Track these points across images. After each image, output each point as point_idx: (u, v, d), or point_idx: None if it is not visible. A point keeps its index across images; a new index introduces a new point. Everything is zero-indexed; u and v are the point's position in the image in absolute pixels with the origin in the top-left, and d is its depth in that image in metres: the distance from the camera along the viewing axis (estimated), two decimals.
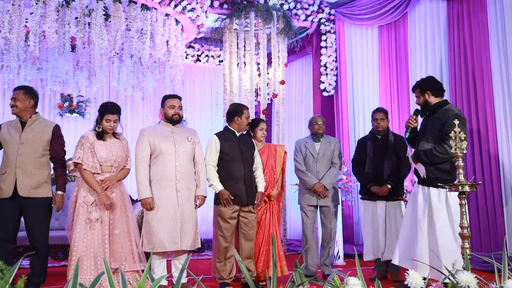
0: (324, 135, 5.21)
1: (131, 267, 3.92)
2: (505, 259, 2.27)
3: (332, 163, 5.09)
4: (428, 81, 4.17)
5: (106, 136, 4.05)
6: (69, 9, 5.09)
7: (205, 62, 8.46)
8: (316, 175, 5.02)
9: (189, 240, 4.14)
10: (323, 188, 4.94)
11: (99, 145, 3.98)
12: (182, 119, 4.42)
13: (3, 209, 3.96)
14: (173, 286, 4.05)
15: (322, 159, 5.06)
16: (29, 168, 3.98)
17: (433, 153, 3.91)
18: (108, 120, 4.00)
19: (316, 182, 4.96)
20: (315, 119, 5.23)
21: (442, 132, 3.89)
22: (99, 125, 4.03)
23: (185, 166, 4.23)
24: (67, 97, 7.58)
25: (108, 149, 4.01)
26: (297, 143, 5.26)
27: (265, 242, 4.58)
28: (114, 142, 4.08)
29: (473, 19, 5.60)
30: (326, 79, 7.36)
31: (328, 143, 5.13)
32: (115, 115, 4.03)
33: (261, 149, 4.75)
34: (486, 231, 5.27)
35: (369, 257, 4.93)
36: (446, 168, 3.94)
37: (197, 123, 8.39)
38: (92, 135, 4.02)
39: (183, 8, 5.61)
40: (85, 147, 3.95)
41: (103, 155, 3.98)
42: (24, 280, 1.59)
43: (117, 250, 3.91)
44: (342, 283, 1.94)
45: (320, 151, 5.08)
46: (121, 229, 3.96)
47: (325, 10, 7.35)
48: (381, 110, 5.05)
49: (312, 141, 5.14)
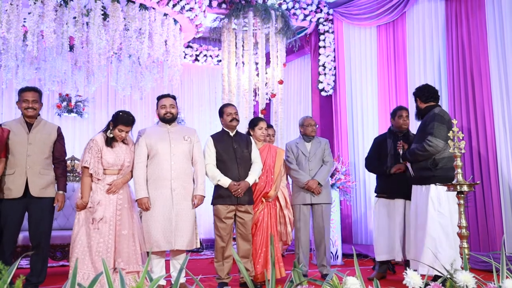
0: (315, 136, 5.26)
1: (135, 268, 3.94)
2: (503, 258, 2.27)
3: (324, 161, 5.13)
4: (417, 89, 4.57)
5: (114, 143, 4.08)
6: (67, 8, 5.08)
7: (203, 62, 8.46)
8: (309, 173, 5.03)
9: (184, 240, 4.12)
10: (317, 185, 4.95)
11: (107, 150, 4.02)
12: (176, 117, 4.41)
13: (10, 211, 3.97)
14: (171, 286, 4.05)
15: (314, 158, 5.09)
16: (38, 169, 4.04)
17: (414, 151, 4.28)
18: (121, 130, 4.03)
19: (309, 179, 4.97)
20: (308, 121, 5.22)
21: (424, 132, 4.23)
22: (111, 132, 4.05)
23: (181, 165, 4.24)
24: (65, 97, 7.56)
25: (116, 154, 4.05)
26: (288, 145, 5.28)
27: (263, 243, 4.54)
28: (121, 147, 4.11)
29: (471, 19, 5.61)
30: (324, 78, 7.36)
31: (318, 143, 5.18)
32: (128, 127, 4.07)
33: (261, 148, 4.75)
34: (484, 230, 5.27)
35: (383, 257, 4.86)
36: (427, 165, 4.21)
37: (196, 123, 8.40)
38: (101, 140, 4.04)
39: (181, 7, 5.61)
40: (93, 152, 3.98)
41: (110, 160, 4.01)
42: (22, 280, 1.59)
43: (124, 250, 3.93)
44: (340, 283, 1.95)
45: (311, 150, 5.11)
46: (127, 230, 3.98)
47: (324, 10, 7.36)
48: (406, 108, 5.09)
49: (303, 141, 5.18)
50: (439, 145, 4.13)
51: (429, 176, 4.16)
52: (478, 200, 5.34)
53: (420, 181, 4.27)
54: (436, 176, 4.13)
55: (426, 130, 4.22)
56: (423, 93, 4.45)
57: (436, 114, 4.23)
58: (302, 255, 5.00)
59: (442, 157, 4.18)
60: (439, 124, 4.17)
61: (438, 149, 4.15)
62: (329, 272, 4.02)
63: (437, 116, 4.22)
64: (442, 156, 4.18)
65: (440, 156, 4.18)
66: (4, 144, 3.94)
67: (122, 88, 6.69)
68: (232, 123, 4.54)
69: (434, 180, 4.12)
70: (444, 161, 4.17)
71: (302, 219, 5.02)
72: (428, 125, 4.22)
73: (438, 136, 4.13)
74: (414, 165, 4.36)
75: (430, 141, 4.14)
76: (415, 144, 4.37)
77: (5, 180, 3.98)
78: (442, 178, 4.06)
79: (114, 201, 3.97)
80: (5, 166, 3.98)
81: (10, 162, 4.00)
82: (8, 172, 3.99)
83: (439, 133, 4.14)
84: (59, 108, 7.60)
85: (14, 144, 4.02)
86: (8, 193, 3.96)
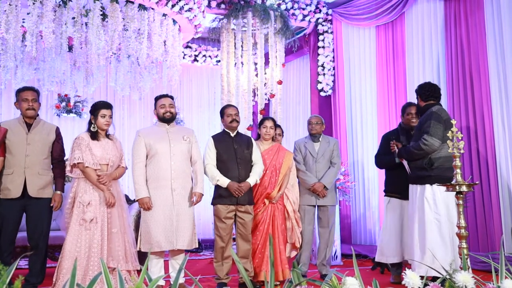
0: (323, 135, 5.20)
1: (125, 266, 3.96)
2: (502, 258, 2.27)
3: (331, 163, 5.07)
4: (419, 87, 4.47)
5: (100, 136, 4.12)
6: (66, 9, 5.08)
7: (202, 62, 8.46)
8: (315, 174, 5.00)
9: (185, 240, 4.14)
10: (322, 188, 4.93)
11: (94, 145, 4.06)
12: (175, 117, 4.43)
13: (9, 211, 3.96)
14: (170, 286, 4.05)
15: (322, 159, 5.04)
16: (37, 169, 4.04)
17: (410, 149, 4.24)
18: (104, 115, 4.09)
19: (316, 181, 4.95)
20: (309, 119, 5.23)
21: (420, 130, 4.19)
22: (94, 125, 4.11)
23: (181, 165, 4.24)
24: (64, 97, 7.56)
25: (103, 148, 4.09)
26: (296, 143, 5.25)
27: (264, 244, 4.50)
28: (108, 142, 4.16)
29: (470, 19, 5.62)
30: (323, 79, 7.36)
31: (327, 143, 5.12)
32: (109, 110, 4.14)
33: (269, 149, 4.73)
34: (483, 231, 5.28)
35: (394, 259, 4.65)
36: (422, 165, 4.15)
37: (195, 123, 8.40)
38: (87, 136, 4.10)
39: (180, 8, 5.61)
40: (82, 147, 4.01)
41: (98, 154, 4.03)
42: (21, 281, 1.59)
43: (115, 248, 3.96)
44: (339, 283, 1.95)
45: (319, 151, 5.06)
46: (118, 228, 4.01)
47: (323, 10, 7.36)
48: (415, 105, 4.77)
49: (311, 141, 5.13)
50: (435, 144, 4.06)
51: (424, 176, 4.12)
52: (477, 200, 5.34)
53: (416, 180, 4.23)
54: (432, 176, 4.07)
55: (422, 128, 4.18)
56: (424, 91, 4.38)
57: (433, 113, 4.16)
58: (304, 255, 4.99)
59: (438, 156, 4.11)
60: (435, 122, 4.10)
61: (433, 148, 4.08)
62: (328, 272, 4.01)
63: (434, 114, 4.14)
64: (438, 155, 4.11)
65: (436, 156, 4.11)
66: (1, 142, 3.94)
67: (121, 89, 6.69)
68: (232, 124, 4.54)
69: (430, 180, 4.07)
70: (440, 160, 4.10)
71: (307, 219, 4.99)
72: (424, 124, 4.17)
73: (434, 135, 4.06)
74: (411, 163, 4.32)
75: (425, 139, 4.07)
76: (412, 142, 4.34)
77: (3, 180, 3.98)
78: (438, 178, 4.00)
79: (104, 199, 3.99)
80: (3, 166, 3.98)
81: (8, 162, 4.00)
82: (7, 172, 3.99)
83: (435, 132, 4.06)
84: (58, 108, 7.60)
85: (12, 144, 4.01)
86: (6, 193, 3.96)
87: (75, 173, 4.05)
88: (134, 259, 4.07)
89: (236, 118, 4.56)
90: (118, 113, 7.69)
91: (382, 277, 4.95)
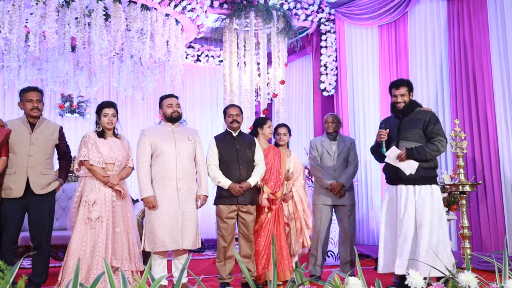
0: (339, 134, 5.13)
1: (128, 267, 3.97)
2: (506, 259, 2.27)
3: (349, 162, 4.99)
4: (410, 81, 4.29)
5: (106, 135, 4.15)
6: (69, 9, 5.09)
7: (205, 62, 8.47)
8: (333, 173, 4.92)
9: (190, 239, 4.14)
10: (341, 187, 4.84)
11: (101, 143, 4.08)
12: (181, 117, 4.45)
13: (11, 210, 3.98)
14: (173, 286, 4.05)
15: (339, 158, 4.96)
16: (40, 169, 4.06)
17: (425, 150, 4.04)
18: (106, 114, 4.12)
19: (334, 181, 4.86)
20: (325, 118, 5.16)
21: (427, 131, 4.09)
22: (99, 125, 4.14)
23: (186, 165, 4.25)
24: (67, 98, 7.59)
25: (109, 147, 4.10)
26: (312, 142, 5.17)
27: (267, 244, 4.50)
28: (115, 141, 4.17)
29: (473, 18, 5.61)
30: (326, 79, 7.36)
31: (343, 142, 5.04)
32: (111, 108, 4.16)
33: (266, 149, 4.73)
34: (487, 231, 5.27)
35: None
36: (431, 165, 4.11)
37: (197, 123, 8.40)
38: (94, 134, 4.13)
39: (183, 8, 5.61)
40: (89, 145, 4.04)
41: (105, 152, 4.05)
42: (25, 280, 1.59)
43: (118, 248, 3.96)
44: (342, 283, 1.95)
45: (337, 150, 4.98)
46: (121, 228, 4.01)
47: (325, 9, 7.35)
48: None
49: (328, 140, 5.05)
50: (446, 146, 4.13)
51: (431, 176, 4.12)
52: (481, 200, 5.33)
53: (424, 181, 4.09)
54: (435, 176, 4.14)
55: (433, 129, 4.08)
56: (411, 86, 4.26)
57: (435, 114, 4.19)
58: (319, 257, 4.91)
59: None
60: (440, 124, 4.16)
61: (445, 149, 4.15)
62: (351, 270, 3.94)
63: (435, 116, 4.18)
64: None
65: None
66: (4, 143, 3.95)
67: (124, 89, 6.70)
68: (232, 125, 4.54)
69: (435, 180, 4.12)
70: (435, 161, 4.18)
71: (323, 220, 4.92)
72: (433, 125, 4.08)
73: (445, 137, 4.11)
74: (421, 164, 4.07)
75: (442, 141, 4.04)
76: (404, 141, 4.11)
77: (6, 179, 3.99)
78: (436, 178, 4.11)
79: (109, 198, 4.01)
80: (6, 165, 3.99)
81: (11, 162, 4.01)
82: (9, 172, 4.00)
83: (444, 134, 4.12)
84: (62, 108, 7.62)
85: (16, 144, 4.02)
86: (9, 193, 3.97)
87: (82, 171, 4.08)
88: (138, 260, 4.07)
89: (237, 118, 4.55)
90: (121, 113, 7.62)
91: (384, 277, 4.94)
